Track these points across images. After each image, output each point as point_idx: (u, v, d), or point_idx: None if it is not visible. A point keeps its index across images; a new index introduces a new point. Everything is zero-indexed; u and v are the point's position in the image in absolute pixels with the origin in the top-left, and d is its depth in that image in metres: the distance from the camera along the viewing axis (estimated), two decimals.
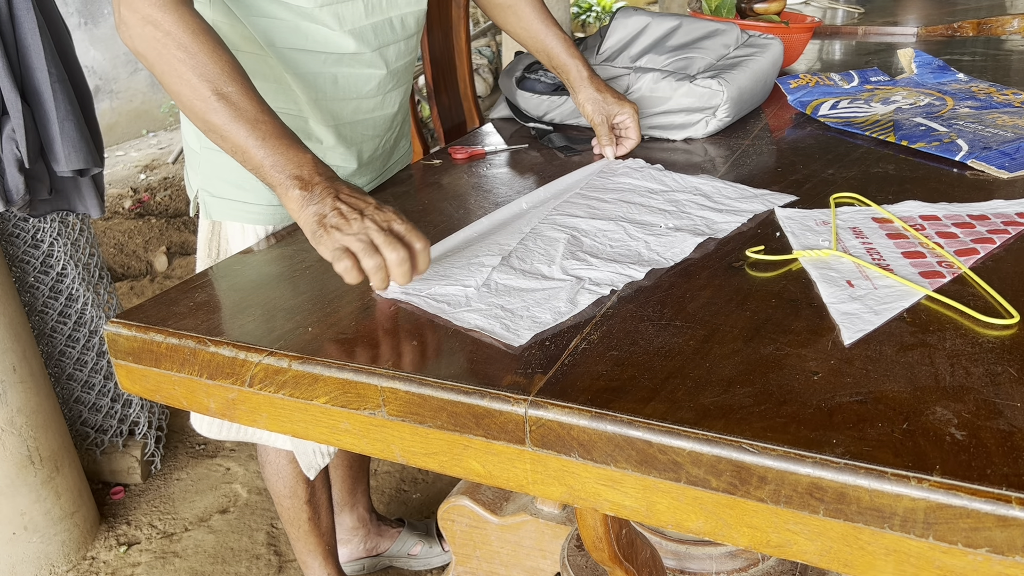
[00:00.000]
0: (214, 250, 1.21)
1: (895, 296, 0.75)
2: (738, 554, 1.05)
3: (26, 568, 1.71)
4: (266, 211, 1.14)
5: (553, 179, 1.12)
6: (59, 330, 1.85)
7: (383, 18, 1.10)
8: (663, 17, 1.42)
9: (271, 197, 1.12)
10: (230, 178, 1.13)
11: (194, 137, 1.14)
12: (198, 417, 1.29)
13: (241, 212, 1.14)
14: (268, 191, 1.11)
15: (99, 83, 4.87)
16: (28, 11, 1.40)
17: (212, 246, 1.21)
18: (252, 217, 1.14)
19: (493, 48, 5.54)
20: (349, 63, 1.08)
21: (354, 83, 1.10)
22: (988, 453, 0.53)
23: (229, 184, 1.13)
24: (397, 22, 1.12)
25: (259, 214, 1.14)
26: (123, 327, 0.78)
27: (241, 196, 1.13)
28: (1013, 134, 1.19)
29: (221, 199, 1.15)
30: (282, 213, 1.14)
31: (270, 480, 1.38)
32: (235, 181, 1.12)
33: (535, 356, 0.68)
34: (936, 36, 2.24)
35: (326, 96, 1.08)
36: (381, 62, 1.11)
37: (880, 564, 0.54)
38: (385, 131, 1.20)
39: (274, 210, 1.14)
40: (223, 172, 1.13)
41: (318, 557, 1.47)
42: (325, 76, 1.07)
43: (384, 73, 1.12)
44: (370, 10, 1.07)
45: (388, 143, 1.23)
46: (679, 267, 0.84)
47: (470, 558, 1.31)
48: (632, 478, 0.60)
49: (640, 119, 1.28)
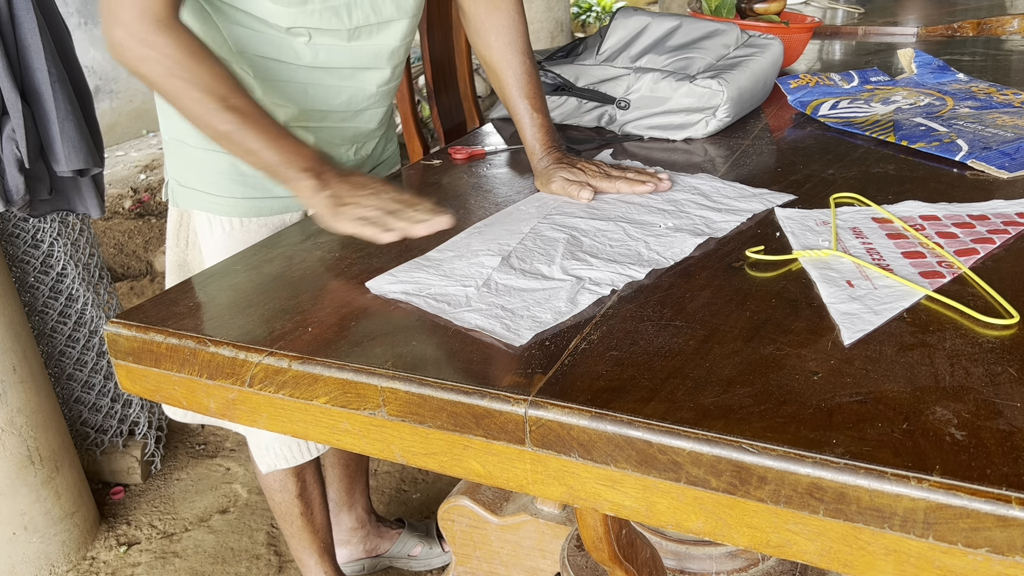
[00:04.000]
0: (182, 239, 1.22)
1: (895, 296, 0.75)
2: (738, 554, 1.05)
3: (26, 568, 1.71)
4: (230, 203, 1.15)
5: None
6: (59, 330, 1.85)
7: (365, 43, 1.09)
8: (663, 17, 1.43)
9: (235, 190, 1.14)
10: (198, 168, 1.14)
11: (164, 127, 1.16)
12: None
13: (207, 202, 1.15)
14: (232, 184, 1.14)
15: (99, 83, 4.86)
16: (28, 11, 1.40)
17: (180, 235, 1.22)
18: (218, 208, 1.15)
19: None
20: (320, 77, 1.08)
21: (325, 96, 1.11)
22: (988, 453, 0.53)
23: (197, 175, 1.14)
24: (381, 50, 1.11)
25: (224, 206, 1.15)
26: (123, 327, 0.78)
27: (208, 187, 1.14)
28: (1013, 134, 1.19)
29: (189, 189, 1.16)
30: (246, 206, 1.15)
31: (260, 473, 1.38)
32: (200, 172, 1.14)
33: (535, 356, 0.68)
34: (936, 36, 2.24)
35: (296, 104, 1.09)
36: (358, 82, 1.11)
37: (880, 564, 0.54)
38: (356, 141, 1.20)
39: (237, 203, 1.15)
40: (191, 163, 1.14)
41: (313, 554, 1.46)
42: (296, 86, 1.08)
43: (362, 93, 1.12)
44: (354, 35, 1.07)
45: (364, 150, 1.23)
46: (679, 267, 0.84)
47: (470, 558, 1.31)
48: (632, 478, 0.60)
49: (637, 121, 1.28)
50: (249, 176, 1.13)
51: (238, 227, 1.16)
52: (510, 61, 1.16)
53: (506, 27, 1.17)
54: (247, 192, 1.14)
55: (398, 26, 1.10)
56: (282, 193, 1.15)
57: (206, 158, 1.12)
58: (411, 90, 1.61)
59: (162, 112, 1.15)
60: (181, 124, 1.11)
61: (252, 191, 1.14)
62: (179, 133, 1.13)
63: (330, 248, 0.92)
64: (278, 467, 1.29)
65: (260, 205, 1.16)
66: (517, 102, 1.16)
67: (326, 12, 1.02)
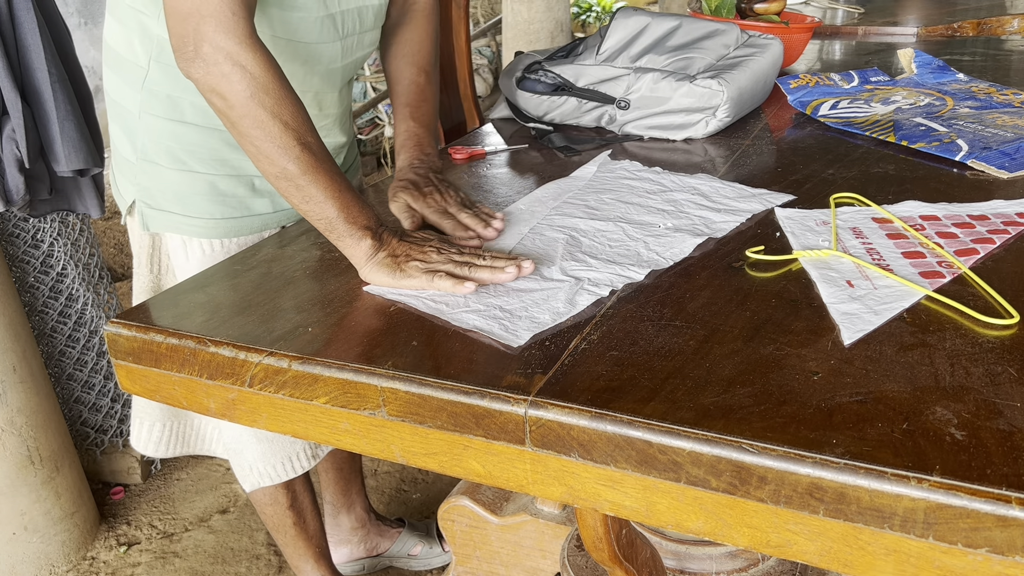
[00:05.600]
0: (155, 265, 1.18)
1: (895, 296, 0.75)
2: (738, 554, 1.05)
3: (26, 568, 1.71)
4: (209, 224, 1.12)
5: (553, 179, 1.12)
6: (59, 330, 1.85)
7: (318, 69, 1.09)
8: (663, 17, 1.42)
9: (213, 211, 1.11)
10: (170, 190, 1.10)
11: (129, 147, 1.11)
12: (138, 436, 1.27)
13: (183, 225, 1.12)
14: (210, 204, 1.10)
15: (99, 83, 4.86)
16: (28, 11, 1.40)
17: (153, 261, 1.18)
18: (194, 230, 1.12)
19: (493, 48, 5.54)
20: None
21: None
22: (988, 453, 0.53)
23: (172, 196, 1.11)
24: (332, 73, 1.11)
25: (201, 227, 1.12)
26: (123, 327, 0.78)
27: (182, 209, 1.11)
28: (1013, 134, 1.19)
29: (161, 211, 1.12)
30: (225, 226, 1.12)
31: (247, 491, 1.37)
32: (175, 193, 1.10)
33: (535, 356, 0.68)
34: (936, 36, 2.24)
35: None
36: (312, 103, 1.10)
37: (880, 564, 0.54)
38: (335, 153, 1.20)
39: (217, 223, 1.12)
40: (163, 184, 1.10)
41: (309, 560, 1.46)
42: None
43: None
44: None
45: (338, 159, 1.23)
46: (679, 267, 0.84)
47: (470, 558, 1.31)
48: (632, 478, 0.60)
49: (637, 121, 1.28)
50: (228, 195, 1.11)
51: (218, 248, 1.13)
52: (403, 72, 1.16)
53: (410, 41, 1.17)
54: (225, 212, 1.11)
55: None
56: (261, 210, 1.14)
57: (181, 179, 1.09)
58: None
59: (128, 131, 1.10)
60: (154, 145, 1.08)
61: (231, 210, 1.12)
62: (151, 154, 1.09)
63: (330, 248, 0.92)
64: (262, 485, 1.27)
65: (239, 224, 1.13)
66: (398, 108, 1.14)
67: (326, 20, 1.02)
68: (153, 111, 1.07)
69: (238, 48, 0.84)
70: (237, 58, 0.83)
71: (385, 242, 0.85)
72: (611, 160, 1.19)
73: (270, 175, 0.86)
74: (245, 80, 0.83)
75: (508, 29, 4.56)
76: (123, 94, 1.09)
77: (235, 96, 0.84)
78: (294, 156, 0.84)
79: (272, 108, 0.84)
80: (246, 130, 0.85)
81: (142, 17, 1.02)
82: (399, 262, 0.83)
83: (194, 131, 1.07)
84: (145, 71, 1.05)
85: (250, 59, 0.84)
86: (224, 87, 0.84)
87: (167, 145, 1.08)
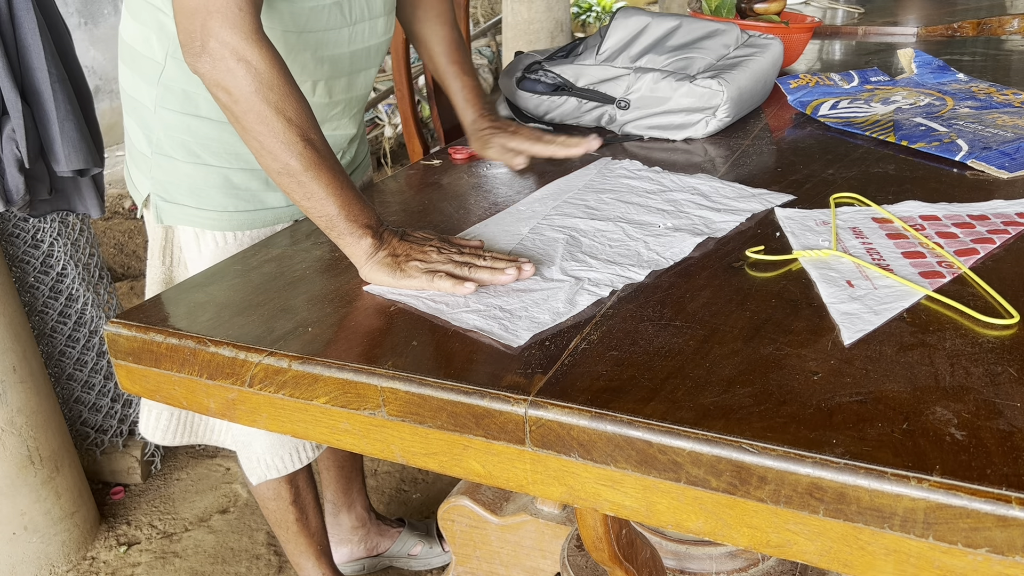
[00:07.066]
0: (168, 257, 1.19)
1: (895, 296, 0.75)
2: (738, 554, 1.05)
3: (26, 568, 1.71)
4: (222, 216, 1.12)
5: (553, 179, 1.12)
6: (59, 330, 1.85)
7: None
8: (663, 17, 1.42)
9: (226, 203, 1.11)
10: (184, 183, 1.11)
11: (144, 142, 1.12)
12: (146, 424, 1.27)
13: (196, 217, 1.13)
14: (224, 197, 1.11)
15: (99, 83, 4.86)
16: (28, 11, 1.40)
17: (166, 253, 1.19)
18: (208, 223, 1.13)
19: (493, 48, 5.54)
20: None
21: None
22: (988, 453, 0.53)
23: (183, 190, 1.12)
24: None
25: (214, 220, 1.12)
26: (123, 327, 0.78)
27: (195, 202, 1.12)
28: (1013, 134, 1.19)
29: (176, 204, 1.13)
30: (239, 219, 1.13)
31: (253, 484, 1.38)
32: (189, 187, 1.11)
33: (535, 356, 0.68)
34: (936, 36, 2.24)
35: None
36: (324, 91, 1.10)
37: (880, 564, 0.54)
38: (339, 147, 1.20)
39: (230, 216, 1.13)
40: (177, 178, 1.11)
41: (310, 558, 1.46)
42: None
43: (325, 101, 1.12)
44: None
45: (347, 155, 1.23)
46: (679, 267, 0.84)
47: (470, 558, 1.31)
48: (632, 478, 0.60)
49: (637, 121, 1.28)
50: (242, 189, 1.12)
51: (231, 241, 1.14)
52: (436, 31, 1.22)
53: (433, 4, 1.23)
54: (239, 205, 1.12)
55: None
56: (274, 204, 1.14)
57: (195, 172, 1.10)
58: (411, 90, 1.61)
59: (143, 125, 1.11)
60: (169, 139, 1.09)
61: (244, 203, 1.12)
62: (166, 148, 1.10)
63: (330, 248, 0.92)
64: (269, 477, 1.27)
65: (252, 217, 1.14)
66: (446, 68, 1.20)
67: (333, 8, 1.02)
68: (168, 106, 1.08)
69: (244, 44, 0.84)
70: (242, 54, 0.84)
71: (385, 241, 0.86)
72: (611, 160, 1.19)
73: (272, 171, 0.87)
74: (250, 76, 0.84)
75: (508, 29, 4.56)
76: (139, 89, 1.10)
77: (239, 91, 0.84)
78: (297, 152, 0.85)
79: (276, 104, 0.84)
80: (250, 125, 0.85)
81: (160, 15, 1.03)
82: (399, 262, 0.83)
83: (209, 125, 1.08)
84: (161, 67, 1.06)
85: (255, 55, 0.84)
86: (229, 82, 0.85)
87: (182, 139, 1.09)
